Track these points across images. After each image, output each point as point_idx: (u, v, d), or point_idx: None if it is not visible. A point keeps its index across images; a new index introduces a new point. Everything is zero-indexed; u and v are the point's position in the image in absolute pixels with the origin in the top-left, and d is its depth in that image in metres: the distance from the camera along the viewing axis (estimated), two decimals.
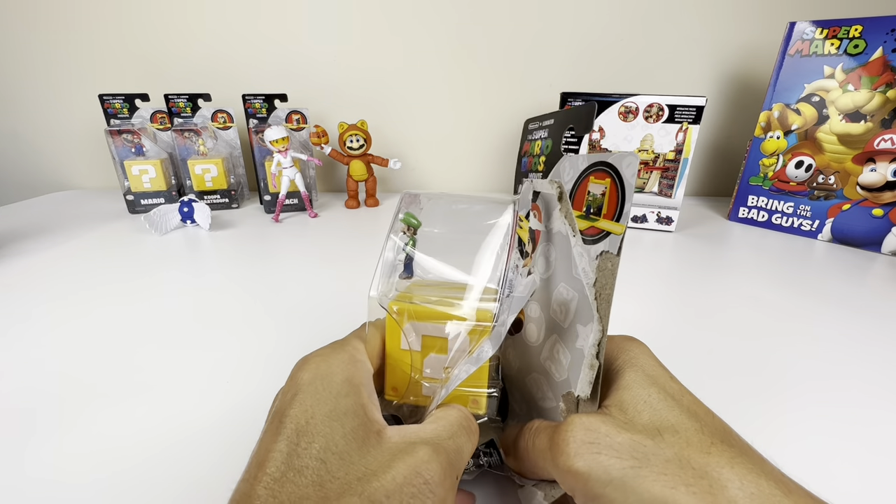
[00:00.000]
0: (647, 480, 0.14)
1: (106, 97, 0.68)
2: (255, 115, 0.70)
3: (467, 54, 0.78)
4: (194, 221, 0.61)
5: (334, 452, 0.15)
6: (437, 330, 0.20)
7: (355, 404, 0.16)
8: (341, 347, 0.19)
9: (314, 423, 0.15)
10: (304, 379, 0.17)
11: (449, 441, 0.16)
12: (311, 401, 0.16)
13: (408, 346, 0.20)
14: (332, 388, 0.17)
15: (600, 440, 0.15)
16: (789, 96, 0.60)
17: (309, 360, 0.18)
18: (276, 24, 0.76)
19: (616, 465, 0.15)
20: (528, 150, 0.26)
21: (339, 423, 0.15)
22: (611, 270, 0.17)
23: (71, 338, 0.36)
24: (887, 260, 0.54)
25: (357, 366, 0.18)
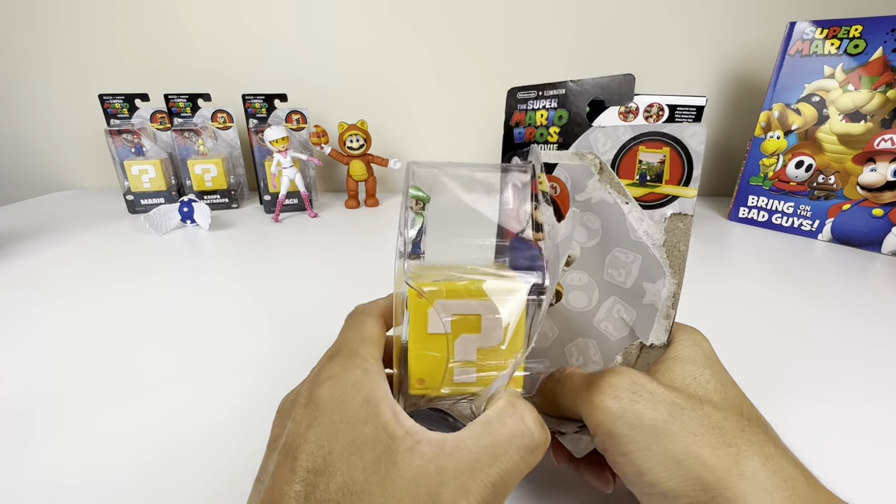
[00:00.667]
0: (676, 434, 0.15)
1: (106, 97, 0.68)
2: (255, 115, 0.70)
3: (467, 54, 0.78)
4: (194, 221, 0.61)
5: (353, 493, 0.13)
6: (469, 307, 0.18)
7: (376, 429, 0.15)
8: (350, 361, 0.17)
9: (331, 460, 0.14)
10: (318, 406, 0.15)
11: (493, 467, 0.14)
12: (329, 433, 0.14)
13: (442, 328, 0.18)
14: (349, 414, 0.15)
15: (642, 391, 0.16)
16: (789, 96, 0.60)
17: (320, 381, 0.16)
18: (276, 24, 0.76)
19: (650, 413, 0.15)
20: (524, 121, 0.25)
21: (358, 456, 0.14)
22: (683, 230, 0.18)
23: (71, 338, 0.36)
24: (887, 260, 0.54)
25: (372, 379, 0.16)
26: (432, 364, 0.19)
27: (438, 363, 0.19)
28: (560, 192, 0.22)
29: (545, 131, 0.26)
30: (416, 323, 0.18)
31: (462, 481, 0.14)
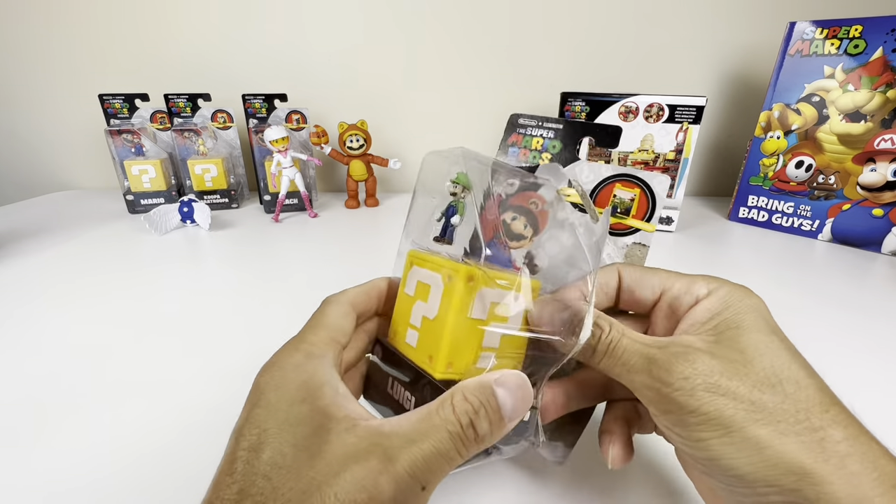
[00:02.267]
0: (757, 423, 0.15)
1: (106, 97, 0.68)
2: (255, 115, 0.70)
3: (467, 54, 0.78)
4: (194, 221, 0.61)
5: (281, 466, 0.14)
6: (501, 296, 0.19)
7: (312, 409, 0.15)
8: (294, 347, 0.18)
9: (265, 437, 0.14)
10: (258, 389, 0.16)
11: (419, 446, 0.14)
12: (264, 413, 0.15)
13: (482, 313, 0.19)
14: (286, 395, 0.16)
15: (719, 387, 0.15)
16: (789, 96, 0.60)
17: (264, 368, 0.17)
18: (276, 24, 0.76)
19: (730, 408, 0.15)
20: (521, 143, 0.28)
21: (290, 432, 0.14)
22: (640, 257, 0.22)
23: (70, 338, 0.36)
24: (887, 260, 0.54)
25: (314, 363, 0.17)
26: (464, 349, 0.19)
27: (470, 348, 0.19)
28: (541, 208, 0.23)
29: (538, 155, 0.29)
30: (458, 306, 0.18)
31: (391, 452, 0.14)
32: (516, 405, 0.16)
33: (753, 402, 0.15)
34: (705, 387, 0.15)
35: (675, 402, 0.16)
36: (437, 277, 0.19)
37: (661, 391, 0.16)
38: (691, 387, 0.16)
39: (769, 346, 0.17)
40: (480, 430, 0.15)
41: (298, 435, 0.14)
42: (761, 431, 0.14)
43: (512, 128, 0.28)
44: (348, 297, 0.21)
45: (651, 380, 0.17)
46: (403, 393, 0.19)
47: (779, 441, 0.14)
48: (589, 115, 0.61)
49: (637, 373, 0.17)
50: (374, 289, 0.22)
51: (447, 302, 0.19)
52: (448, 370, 0.18)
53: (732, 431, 0.15)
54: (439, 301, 0.19)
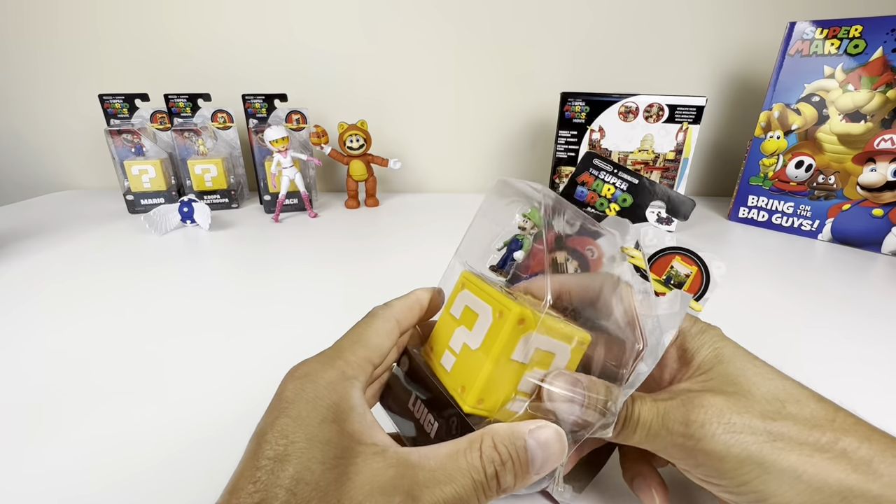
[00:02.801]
0: (783, 452, 0.15)
1: (106, 97, 0.68)
2: (255, 115, 0.70)
3: (467, 54, 0.78)
4: (194, 221, 0.61)
5: (307, 482, 0.14)
6: (550, 344, 0.19)
7: (342, 431, 0.15)
8: (331, 363, 0.17)
9: (292, 450, 0.14)
10: (287, 398, 0.16)
11: (443, 489, 0.14)
12: (294, 425, 0.15)
13: (523, 357, 0.18)
14: (316, 412, 0.15)
15: (734, 420, 0.16)
16: (789, 96, 0.60)
17: (295, 376, 0.17)
18: (276, 24, 0.75)
19: (752, 441, 0.16)
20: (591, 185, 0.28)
21: (318, 450, 0.14)
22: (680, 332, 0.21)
23: (70, 338, 0.36)
24: (887, 260, 0.54)
25: (347, 385, 0.17)
26: (498, 388, 0.18)
27: (504, 389, 0.18)
28: (597, 257, 0.23)
29: (605, 202, 0.28)
30: (503, 345, 0.18)
31: (415, 492, 0.14)
32: (546, 461, 0.16)
33: (771, 433, 0.16)
34: (723, 428, 0.16)
35: (703, 453, 0.16)
36: (488, 309, 0.19)
37: (686, 445, 0.16)
38: (711, 433, 0.16)
39: (756, 371, 0.17)
40: (504, 483, 0.15)
41: (327, 454, 0.14)
42: (791, 459, 0.15)
43: (584, 166, 0.28)
44: (395, 312, 0.20)
45: (673, 437, 0.17)
46: (426, 414, 0.19)
47: (811, 465, 0.15)
48: (589, 115, 0.61)
49: (658, 436, 0.17)
50: (416, 302, 0.22)
51: (492, 338, 0.18)
52: (478, 405, 0.18)
53: (766, 466, 0.15)
54: (485, 334, 0.18)
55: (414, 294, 0.22)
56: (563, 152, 0.64)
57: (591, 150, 0.62)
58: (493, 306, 0.19)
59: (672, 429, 0.17)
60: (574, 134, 0.62)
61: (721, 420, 0.16)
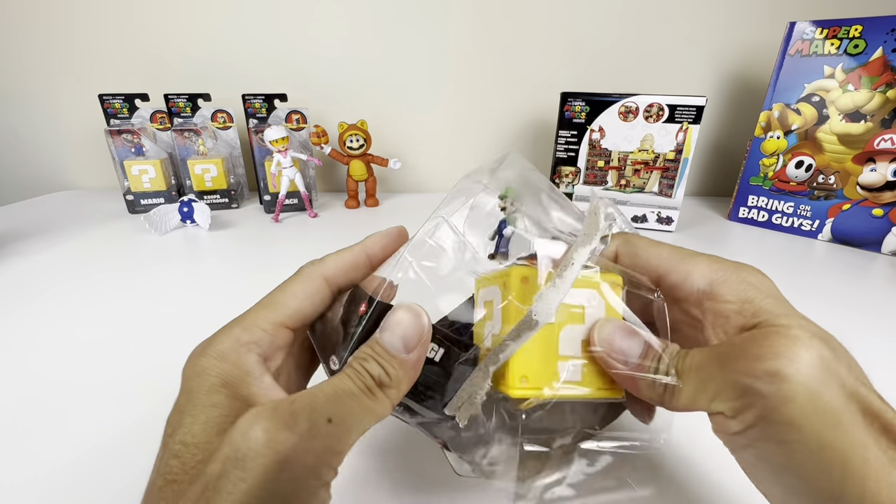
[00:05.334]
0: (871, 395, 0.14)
1: (106, 97, 0.68)
2: (255, 115, 0.70)
3: (467, 54, 0.77)
4: (194, 221, 0.61)
5: (188, 444, 0.14)
6: (573, 297, 0.17)
7: (231, 397, 0.15)
8: (228, 331, 0.17)
9: (181, 419, 0.15)
10: (184, 378, 0.16)
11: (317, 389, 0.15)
12: (184, 400, 0.15)
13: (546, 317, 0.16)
14: (204, 382, 0.15)
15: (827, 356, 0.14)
16: (789, 96, 0.60)
17: (192, 354, 0.17)
18: (276, 23, 0.75)
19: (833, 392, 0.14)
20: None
21: (203, 413, 0.15)
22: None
23: (70, 338, 0.36)
24: (887, 260, 0.54)
25: (240, 352, 0.16)
26: (535, 359, 0.17)
27: (544, 357, 0.17)
28: None
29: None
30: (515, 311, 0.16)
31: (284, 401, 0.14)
32: (406, 336, 0.16)
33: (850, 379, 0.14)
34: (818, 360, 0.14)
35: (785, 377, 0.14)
36: (495, 289, 0.18)
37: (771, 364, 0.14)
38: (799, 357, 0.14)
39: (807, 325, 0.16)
40: (374, 371, 0.16)
41: (211, 416, 0.15)
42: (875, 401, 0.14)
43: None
44: (325, 269, 0.19)
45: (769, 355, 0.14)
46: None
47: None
48: (589, 115, 0.61)
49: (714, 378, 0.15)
50: (361, 253, 0.20)
51: (507, 310, 0.17)
52: (523, 385, 0.16)
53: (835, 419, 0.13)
54: (500, 314, 0.17)
55: (360, 243, 0.20)
56: (563, 152, 0.64)
57: (590, 150, 0.62)
58: (499, 283, 0.18)
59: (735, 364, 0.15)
60: (574, 134, 0.62)
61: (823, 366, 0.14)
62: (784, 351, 0.14)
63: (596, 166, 0.63)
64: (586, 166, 0.63)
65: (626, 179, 0.63)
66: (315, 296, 0.18)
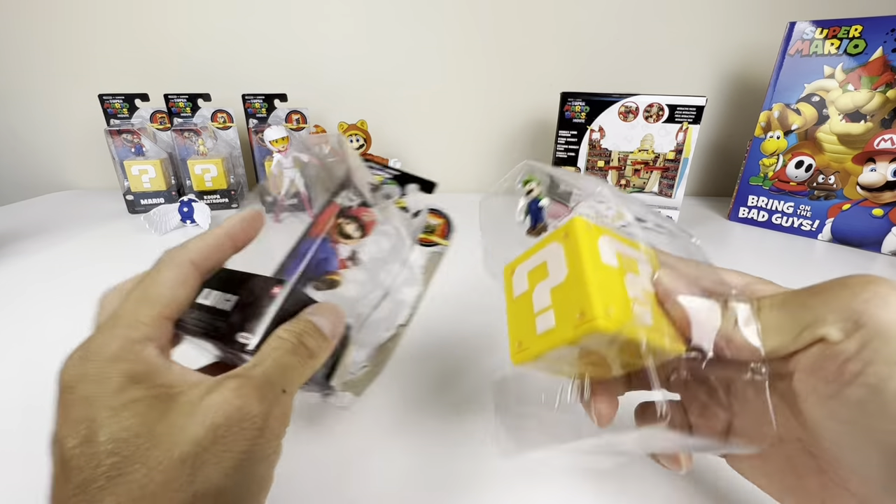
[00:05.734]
0: None
1: (106, 97, 0.68)
2: (255, 115, 0.70)
3: (467, 54, 0.77)
4: (194, 221, 0.61)
5: (126, 439, 0.13)
6: (626, 251, 0.18)
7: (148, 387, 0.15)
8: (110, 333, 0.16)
9: (95, 426, 0.14)
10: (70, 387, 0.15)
11: (264, 364, 0.16)
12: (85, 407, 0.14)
13: (612, 259, 0.17)
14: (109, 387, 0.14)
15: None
16: (789, 96, 0.60)
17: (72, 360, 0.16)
18: (276, 24, 0.75)
19: None
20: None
21: (128, 410, 0.14)
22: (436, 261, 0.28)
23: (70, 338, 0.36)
24: (887, 260, 0.54)
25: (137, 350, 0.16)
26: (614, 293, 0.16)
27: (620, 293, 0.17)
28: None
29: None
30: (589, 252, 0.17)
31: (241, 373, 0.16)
32: (335, 326, 0.20)
33: None
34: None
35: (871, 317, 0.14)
36: (552, 247, 0.19)
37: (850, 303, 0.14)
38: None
39: None
40: (310, 344, 0.18)
41: (140, 407, 0.14)
42: None
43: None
44: (190, 253, 0.19)
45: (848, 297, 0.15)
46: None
47: None
48: (589, 114, 0.61)
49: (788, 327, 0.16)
50: (224, 235, 0.21)
51: (573, 256, 0.17)
52: (610, 315, 0.15)
53: None
54: (564, 262, 0.17)
55: (222, 226, 0.21)
56: (563, 152, 0.64)
57: (590, 150, 0.62)
58: (555, 238, 0.19)
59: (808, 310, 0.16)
60: (574, 134, 0.62)
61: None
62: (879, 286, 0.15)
63: (596, 166, 0.63)
64: (586, 166, 0.63)
65: (626, 179, 0.63)
66: (187, 281, 0.18)
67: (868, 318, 0.14)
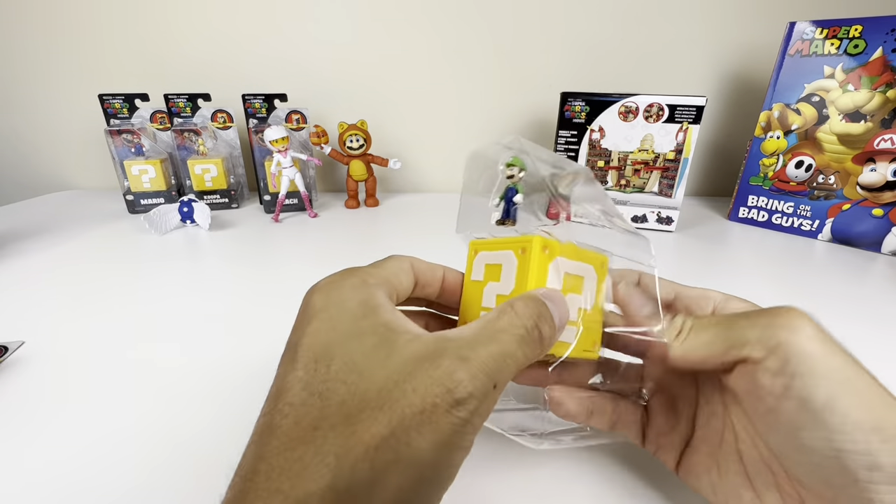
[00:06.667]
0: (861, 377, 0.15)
1: (106, 97, 0.68)
2: (255, 115, 0.70)
3: (467, 54, 0.78)
4: (194, 221, 0.61)
5: (354, 371, 0.14)
6: (577, 268, 0.19)
7: (375, 323, 0.15)
8: (350, 273, 0.18)
9: (331, 348, 0.15)
10: (316, 306, 0.16)
11: (487, 348, 0.15)
12: (326, 326, 0.15)
13: (557, 283, 0.19)
14: (347, 310, 0.16)
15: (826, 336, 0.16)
16: (789, 96, 0.60)
17: (319, 287, 0.17)
18: (276, 23, 0.76)
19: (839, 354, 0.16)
20: None
21: (357, 342, 0.15)
22: None
23: (70, 338, 0.36)
24: (887, 260, 0.54)
25: (371, 289, 0.17)
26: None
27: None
28: None
29: None
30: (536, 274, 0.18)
31: (462, 352, 0.14)
32: (562, 316, 0.18)
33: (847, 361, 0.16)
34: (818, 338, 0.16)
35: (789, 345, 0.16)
36: (509, 254, 0.19)
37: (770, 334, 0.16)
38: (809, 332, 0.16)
39: None
40: (545, 332, 0.16)
41: (366, 345, 0.15)
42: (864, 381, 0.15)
43: None
44: (409, 258, 0.21)
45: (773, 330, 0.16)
46: None
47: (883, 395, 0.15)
48: (589, 114, 0.61)
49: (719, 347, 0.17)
50: (437, 267, 0.22)
51: (523, 274, 0.19)
52: None
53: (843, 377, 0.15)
54: (514, 276, 0.19)
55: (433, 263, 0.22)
56: (563, 152, 0.64)
57: (590, 150, 0.62)
58: (514, 248, 0.19)
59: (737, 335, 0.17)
60: (574, 134, 0.62)
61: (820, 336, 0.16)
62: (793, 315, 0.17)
63: (596, 166, 0.63)
64: (586, 166, 0.63)
65: (626, 179, 0.63)
66: (408, 272, 0.20)
67: (784, 339, 0.16)
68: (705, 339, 0.18)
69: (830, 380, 0.15)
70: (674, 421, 0.21)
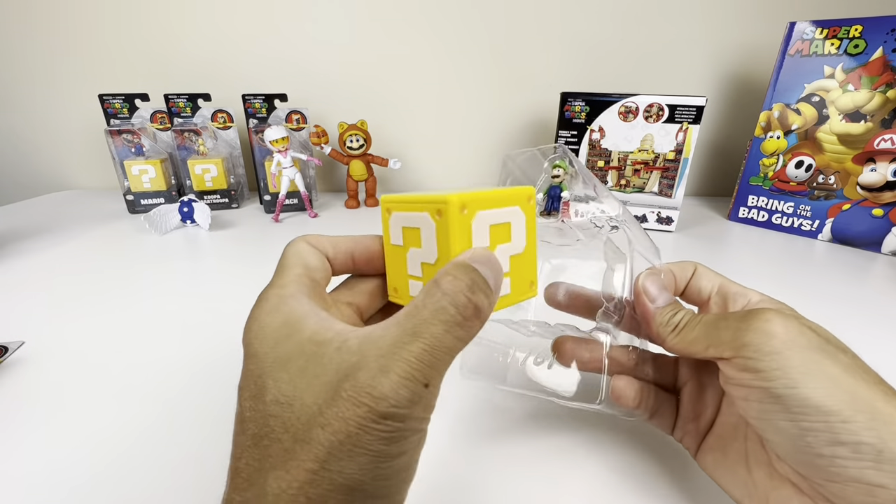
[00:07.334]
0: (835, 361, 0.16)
1: (106, 97, 0.68)
2: (255, 115, 0.70)
3: (467, 54, 0.78)
4: (194, 221, 0.61)
5: (283, 403, 0.14)
6: (501, 215, 0.18)
7: (299, 342, 0.15)
8: (264, 297, 0.18)
9: (262, 382, 0.15)
10: (246, 346, 0.17)
11: (414, 344, 0.14)
12: (255, 364, 0.16)
13: (485, 239, 0.18)
14: (269, 340, 0.16)
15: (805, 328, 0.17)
16: (789, 96, 0.60)
17: (245, 328, 0.17)
18: (276, 24, 0.76)
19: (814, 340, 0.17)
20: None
21: (283, 370, 0.15)
22: None
23: (70, 338, 0.36)
24: (887, 260, 0.54)
25: (288, 302, 0.17)
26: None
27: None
28: None
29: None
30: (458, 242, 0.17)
31: (381, 362, 0.14)
32: (497, 277, 0.17)
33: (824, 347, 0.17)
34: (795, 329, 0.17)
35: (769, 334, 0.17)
36: (424, 216, 0.18)
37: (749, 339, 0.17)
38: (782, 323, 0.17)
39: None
40: (480, 303, 0.15)
41: (292, 370, 0.15)
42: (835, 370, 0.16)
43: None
44: (303, 238, 0.20)
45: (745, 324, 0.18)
46: None
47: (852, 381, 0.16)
48: (589, 115, 0.61)
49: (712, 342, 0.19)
50: (339, 241, 0.22)
51: (444, 241, 0.17)
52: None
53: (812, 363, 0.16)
54: (435, 241, 0.17)
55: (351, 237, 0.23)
56: None
57: (590, 150, 0.62)
58: (429, 209, 0.17)
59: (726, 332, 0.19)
60: (574, 134, 0.62)
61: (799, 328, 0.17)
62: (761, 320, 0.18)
63: (596, 166, 0.63)
64: (586, 166, 0.63)
65: (626, 179, 0.63)
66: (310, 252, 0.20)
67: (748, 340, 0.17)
68: (691, 336, 0.20)
69: (792, 371, 0.16)
70: (701, 408, 0.22)
